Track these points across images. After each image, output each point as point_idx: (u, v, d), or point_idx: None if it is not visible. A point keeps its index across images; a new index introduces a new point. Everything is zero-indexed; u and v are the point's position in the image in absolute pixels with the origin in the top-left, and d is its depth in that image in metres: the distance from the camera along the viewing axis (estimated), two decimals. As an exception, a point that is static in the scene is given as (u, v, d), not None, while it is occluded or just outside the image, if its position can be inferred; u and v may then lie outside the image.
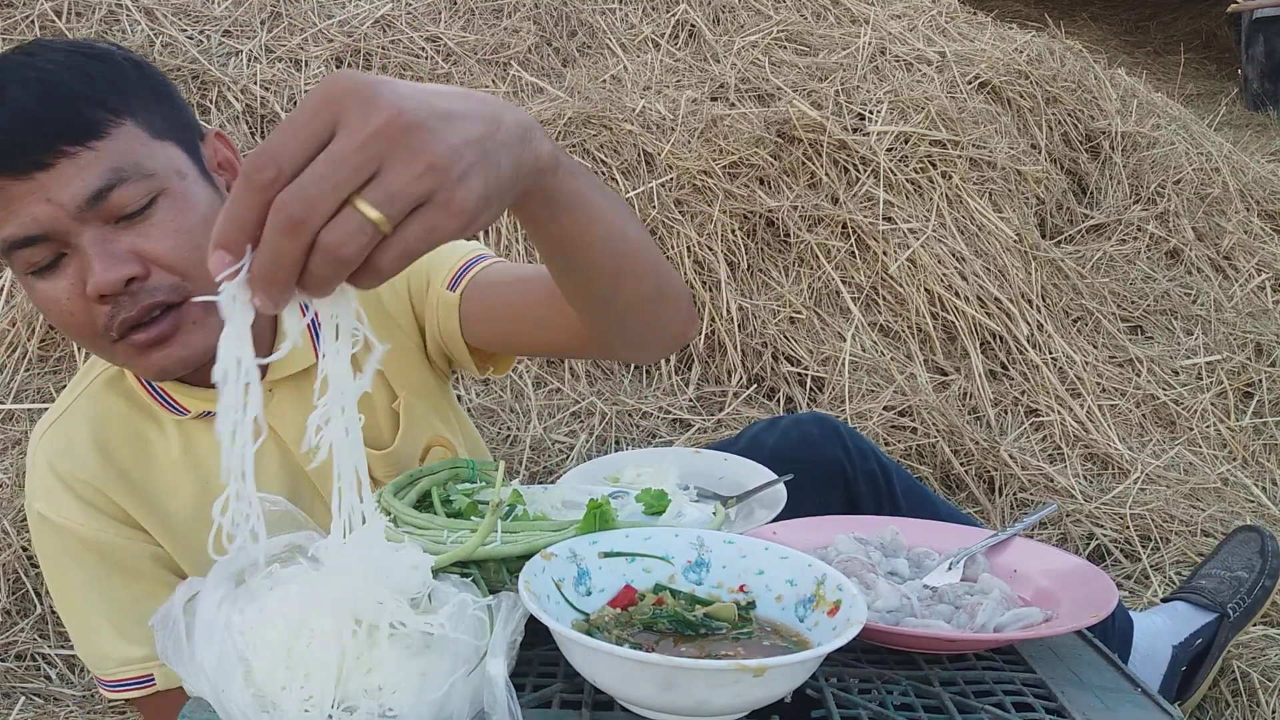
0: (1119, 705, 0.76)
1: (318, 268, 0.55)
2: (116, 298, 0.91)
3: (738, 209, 2.52)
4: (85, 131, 0.89)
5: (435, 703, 0.66)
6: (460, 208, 0.56)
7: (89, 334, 0.93)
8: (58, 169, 0.87)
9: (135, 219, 0.91)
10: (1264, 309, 2.84)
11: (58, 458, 1.04)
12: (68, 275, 0.91)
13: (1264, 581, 1.60)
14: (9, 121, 0.87)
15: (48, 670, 1.70)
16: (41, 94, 0.88)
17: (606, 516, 0.82)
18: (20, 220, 0.88)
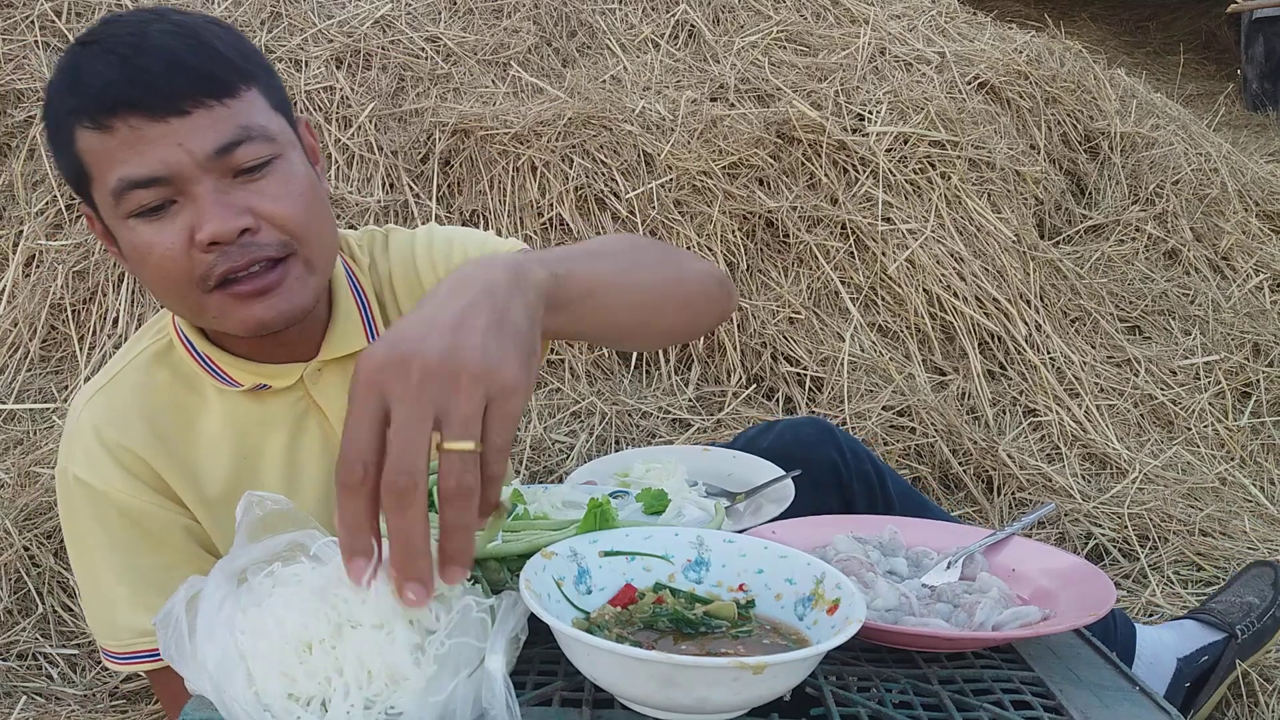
0: (1117, 703, 0.77)
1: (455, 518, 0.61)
2: (225, 247, 0.94)
3: (737, 209, 2.53)
4: (223, 88, 0.94)
5: (438, 704, 0.66)
6: (513, 387, 0.63)
7: (182, 281, 0.96)
8: (193, 118, 0.92)
9: (252, 176, 0.95)
10: (1262, 309, 2.85)
11: (103, 423, 1.04)
12: (175, 222, 0.94)
13: (1275, 612, 1.60)
14: (160, 65, 0.91)
15: (49, 670, 1.70)
16: (190, 46, 0.93)
17: (607, 516, 0.83)
18: (148, 161, 0.91)
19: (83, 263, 2.23)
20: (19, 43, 2.53)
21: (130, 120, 0.91)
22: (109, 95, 0.91)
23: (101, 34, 0.95)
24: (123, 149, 0.92)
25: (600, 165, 2.49)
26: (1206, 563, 2.01)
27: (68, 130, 0.95)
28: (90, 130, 0.92)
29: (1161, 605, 1.91)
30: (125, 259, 1.00)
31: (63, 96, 0.95)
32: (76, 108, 0.93)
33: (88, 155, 0.94)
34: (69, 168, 0.98)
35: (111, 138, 0.92)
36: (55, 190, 2.31)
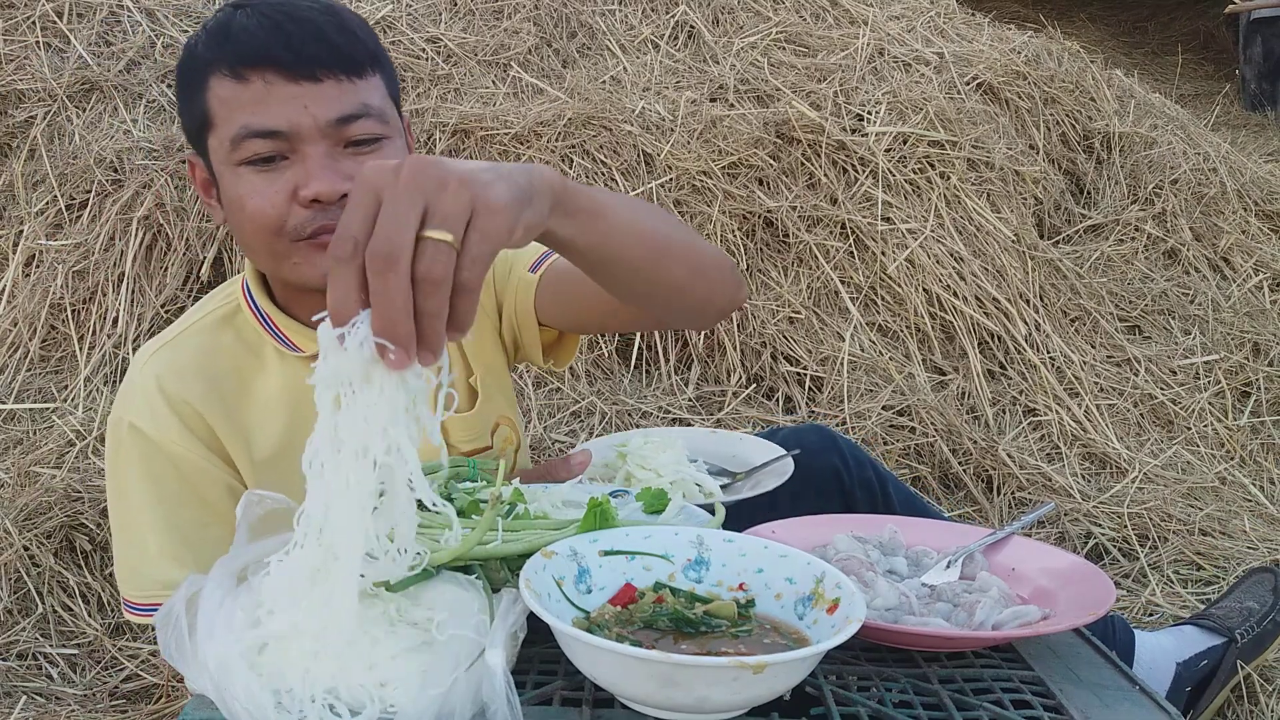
0: (1117, 703, 0.77)
1: (424, 302, 0.64)
2: (325, 206, 1.01)
3: (737, 209, 2.53)
4: (355, 67, 1.03)
5: (436, 699, 0.66)
6: (499, 205, 0.67)
7: (273, 229, 1.02)
8: (323, 86, 1.01)
9: (360, 150, 1.03)
10: (1261, 309, 2.85)
11: (166, 376, 1.08)
12: (282, 176, 1.01)
13: (1275, 616, 1.60)
14: (304, 33, 1.00)
15: (49, 670, 1.70)
16: (333, 25, 1.03)
17: (607, 515, 0.83)
18: (272, 115, 1.00)
19: (83, 263, 2.23)
20: (20, 43, 2.53)
21: (267, 75, 0.99)
22: (254, 50, 1.00)
23: (256, 2, 1.03)
24: (253, 100, 1.00)
25: (600, 165, 2.49)
26: (1206, 562, 2.01)
27: (203, 78, 1.02)
28: (227, 78, 1.01)
29: (1161, 605, 1.91)
30: (222, 207, 1.07)
31: (207, 47, 1.03)
32: (219, 57, 1.01)
33: (216, 102, 1.02)
34: (194, 113, 1.05)
35: (245, 89, 1.00)
36: (55, 190, 2.31)
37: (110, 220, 2.25)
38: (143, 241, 2.24)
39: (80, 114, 2.44)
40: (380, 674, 0.67)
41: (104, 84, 2.47)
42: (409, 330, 0.64)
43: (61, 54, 2.54)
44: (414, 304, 0.64)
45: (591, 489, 0.98)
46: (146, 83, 2.49)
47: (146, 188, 2.27)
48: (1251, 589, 1.68)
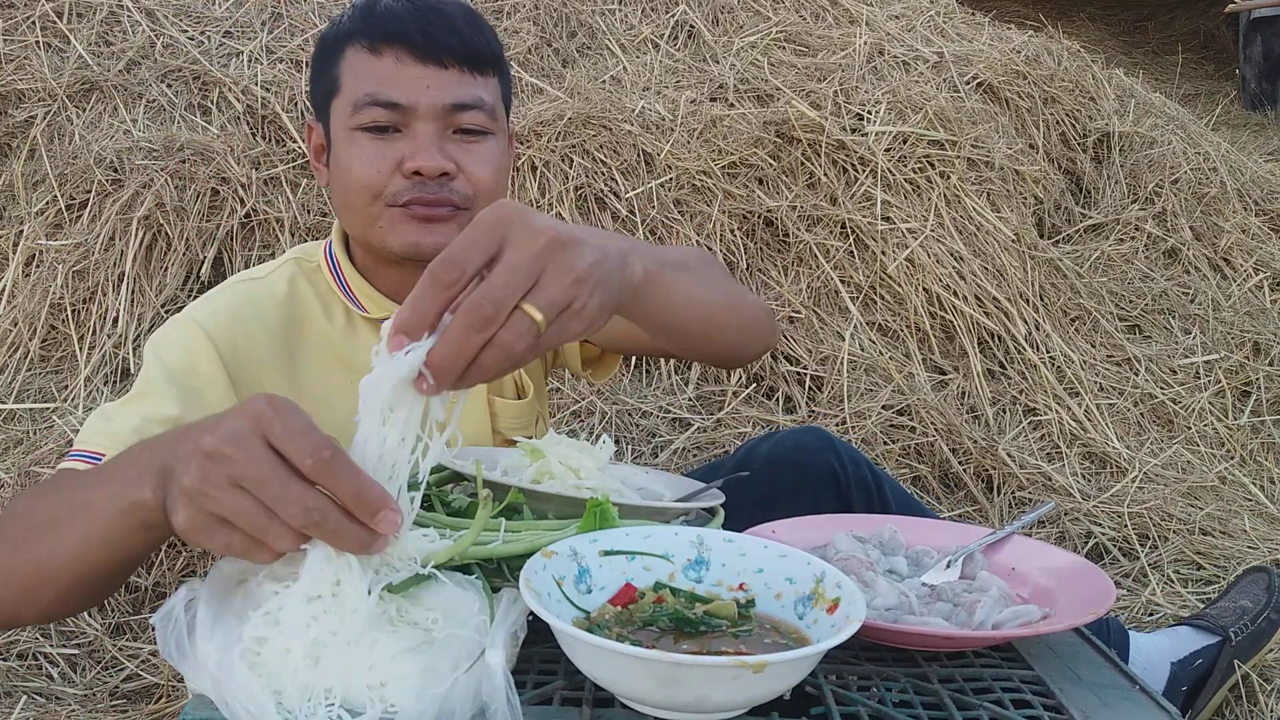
0: (1117, 702, 0.77)
1: (490, 360, 0.67)
2: (425, 180, 1.10)
3: (737, 209, 2.53)
4: (479, 64, 1.13)
5: (437, 699, 0.66)
6: (589, 316, 0.72)
7: (374, 193, 1.11)
8: (447, 73, 1.10)
9: (467, 138, 1.13)
10: (1261, 308, 2.85)
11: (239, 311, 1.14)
12: (392, 147, 1.10)
13: (1270, 614, 1.60)
14: (442, 22, 1.10)
15: (49, 669, 1.70)
16: (469, 23, 1.13)
17: (606, 515, 0.83)
18: (398, 89, 1.09)
19: (83, 263, 2.23)
20: (20, 43, 2.53)
21: (400, 53, 1.09)
22: (392, 28, 1.09)
23: None
24: (382, 73, 1.10)
25: (600, 165, 2.49)
26: (1206, 562, 2.01)
27: (340, 47, 1.12)
28: (363, 50, 1.11)
29: (1161, 604, 1.91)
30: (329, 170, 1.17)
31: (351, 20, 1.13)
32: (360, 30, 1.11)
33: (347, 70, 1.12)
34: (324, 80, 1.14)
35: (378, 62, 1.10)
36: (55, 190, 2.31)
37: (110, 220, 2.25)
38: (143, 241, 2.24)
39: (80, 114, 2.44)
40: (380, 674, 0.67)
41: (104, 84, 2.47)
42: (458, 376, 0.67)
43: (61, 54, 2.54)
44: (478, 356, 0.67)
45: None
46: (146, 83, 2.49)
47: (146, 188, 2.27)
48: (1246, 588, 1.68)
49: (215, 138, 2.38)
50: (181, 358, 1.10)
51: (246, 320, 1.14)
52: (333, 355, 1.19)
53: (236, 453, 0.66)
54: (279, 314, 1.16)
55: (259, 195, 2.33)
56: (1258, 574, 1.70)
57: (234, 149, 2.36)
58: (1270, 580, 1.66)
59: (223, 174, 2.32)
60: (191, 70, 2.51)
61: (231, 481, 0.66)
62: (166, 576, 1.84)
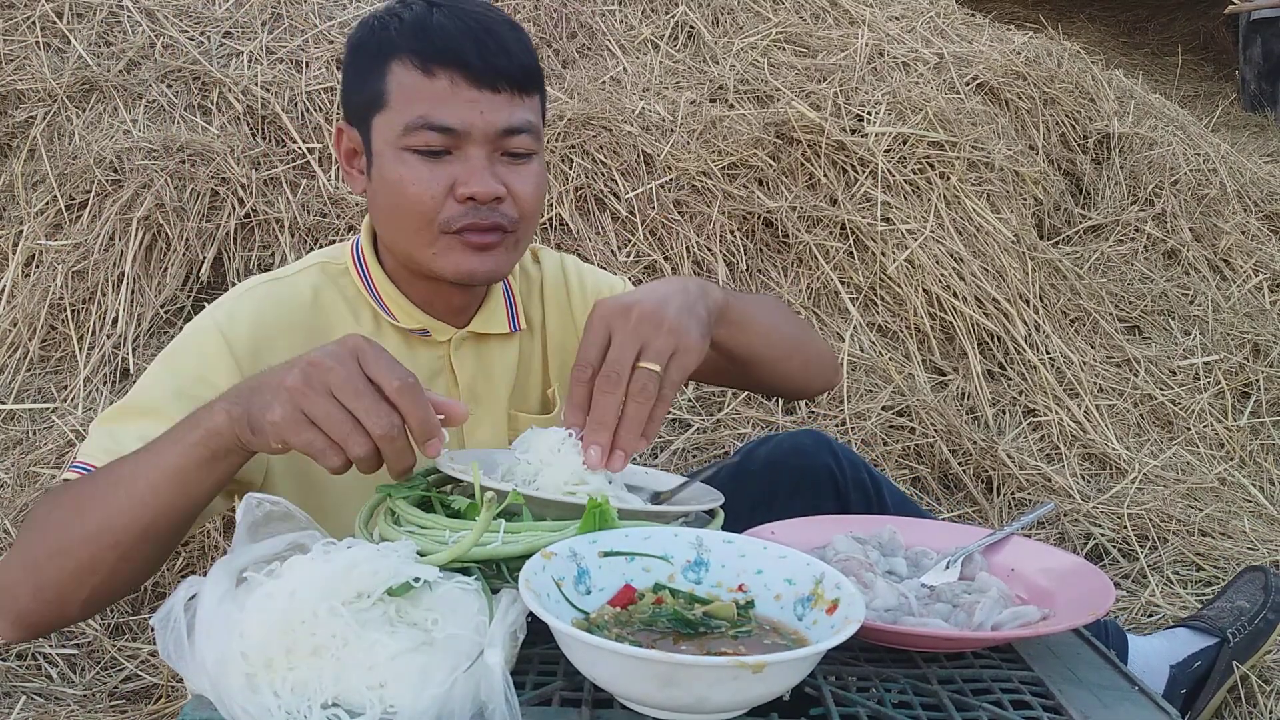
0: (1117, 703, 0.77)
1: (635, 410, 0.91)
2: (477, 205, 1.10)
3: (736, 210, 2.53)
4: (528, 85, 1.12)
5: (437, 699, 0.66)
6: (694, 348, 0.95)
7: (427, 218, 1.10)
8: (500, 97, 1.10)
9: (515, 160, 1.13)
10: (1261, 309, 2.85)
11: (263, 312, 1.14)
12: (445, 170, 1.09)
13: (1267, 614, 1.61)
14: (497, 46, 1.10)
15: (49, 670, 1.70)
16: (520, 45, 1.12)
17: (606, 516, 0.83)
18: (452, 112, 1.08)
19: (82, 263, 2.23)
20: (20, 43, 2.53)
21: (454, 76, 1.08)
22: (448, 50, 1.08)
23: (450, 4, 1.12)
24: (436, 96, 1.08)
25: (600, 166, 2.49)
26: (1206, 563, 2.01)
27: (385, 59, 1.09)
28: (414, 68, 1.08)
29: (1161, 605, 1.91)
30: (369, 181, 1.15)
31: (400, 34, 1.09)
32: (411, 46, 1.08)
33: (396, 86, 1.09)
34: (366, 90, 1.11)
35: (431, 83, 1.08)
36: (55, 190, 2.31)
37: (110, 220, 2.25)
38: (142, 242, 2.24)
39: (80, 114, 2.44)
40: (380, 674, 0.67)
41: (104, 84, 2.47)
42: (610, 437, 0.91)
43: (61, 54, 2.54)
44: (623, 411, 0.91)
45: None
46: (146, 83, 2.49)
47: (146, 188, 2.27)
48: (1243, 589, 1.68)
49: (215, 138, 2.38)
50: (195, 367, 1.09)
51: (269, 326, 1.12)
52: None
53: (338, 367, 0.81)
54: (303, 318, 1.15)
55: (259, 195, 2.33)
56: (1254, 574, 1.70)
57: (234, 149, 2.36)
58: (1267, 580, 1.66)
59: (222, 174, 2.32)
60: (191, 70, 2.51)
61: (328, 390, 0.81)
62: (166, 577, 1.84)
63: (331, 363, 0.81)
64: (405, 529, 0.84)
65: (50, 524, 0.94)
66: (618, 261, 2.39)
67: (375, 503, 0.91)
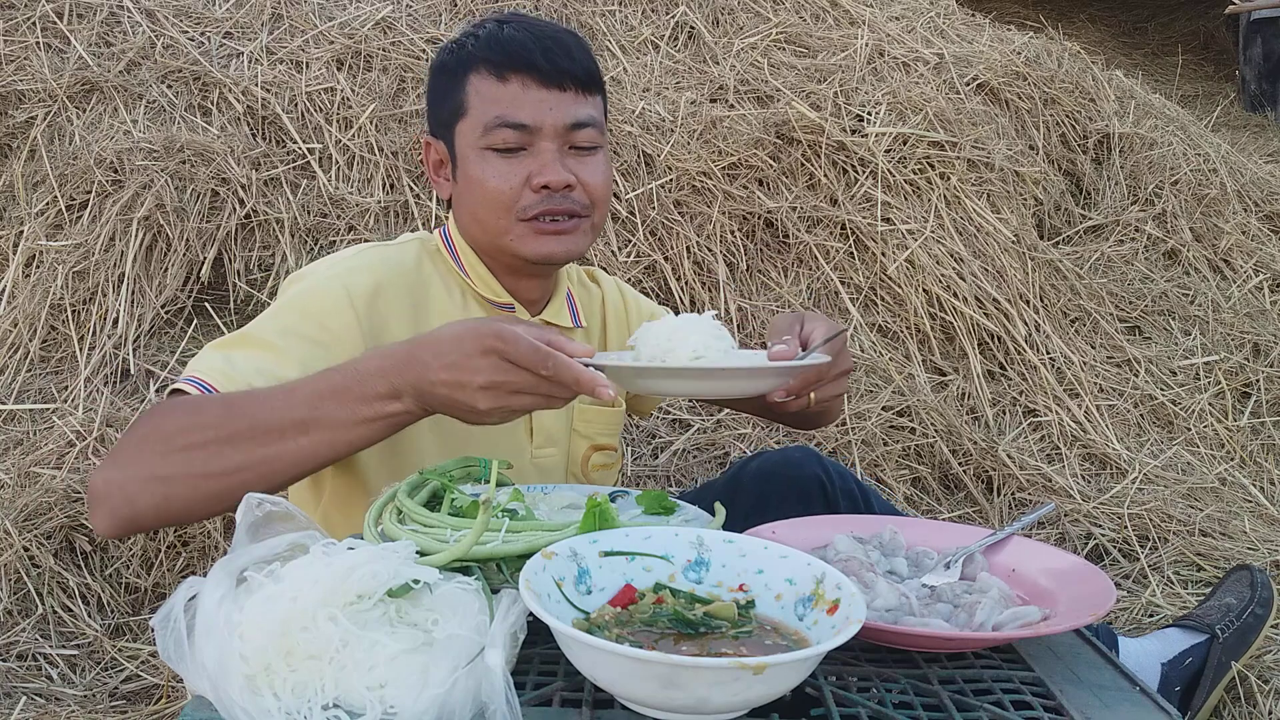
0: (1117, 703, 0.77)
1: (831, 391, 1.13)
2: (551, 193, 1.21)
3: (737, 210, 2.53)
4: (591, 85, 1.25)
5: (437, 699, 0.66)
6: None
7: (505, 206, 1.22)
8: (566, 95, 1.22)
9: (581, 153, 1.24)
10: (1261, 309, 2.85)
11: (381, 267, 1.24)
12: (520, 165, 1.21)
13: (1255, 609, 1.63)
14: (561, 50, 1.22)
15: (49, 670, 1.70)
16: (581, 49, 1.26)
17: (606, 515, 0.83)
18: (524, 111, 1.21)
19: (83, 263, 2.23)
20: (20, 44, 2.53)
21: (525, 79, 1.21)
22: (518, 57, 1.21)
23: (517, 20, 1.26)
24: (510, 98, 1.21)
25: (600, 166, 2.49)
26: (1206, 563, 2.01)
27: (465, 72, 1.23)
28: (490, 76, 1.22)
29: (1161, 605, 1.91)
30: (455, 182, 1.27)
31: (478, 48, 1.23)
32: (486, 58, 1.22)
33: (474, 93, 1.23)
34: (450, 100, 1.25)
35: (504, 87, 1.21)
36: (55, 191, 2.31)
37: (110, 221, 2.25)
38: (143, 242, 2.24)
39: (80, 114, 2.44)
40: (380, 675, 0.67)
41: (104, 84, 2.47)
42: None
43: (61, 55, 2.54)
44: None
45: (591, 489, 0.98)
46: (146, 83, 2.49)
47: (146, 188, 2.27)
48: (1231, 587, 1.70)
49: (215, 138, 2.38)
50: (317, 312, 1.17)
51: (384, 285, 1.23)
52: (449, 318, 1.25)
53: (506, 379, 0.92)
54: (410, 281, 1.26)
55: (259, 196, 2.33)
56: (1241, 572, 1.72)
57: (234, 149, 2.36)
58: (1253, 577, 1.69)
59: (223, 175, 2.32)
60: (191, 71, 2.51)
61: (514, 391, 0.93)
62: (166, 577, 1.84)
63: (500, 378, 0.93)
64: (408, 528, 0.84)
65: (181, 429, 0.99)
66: (618, 262, 2.39)
67: (385, 500, 0.91)
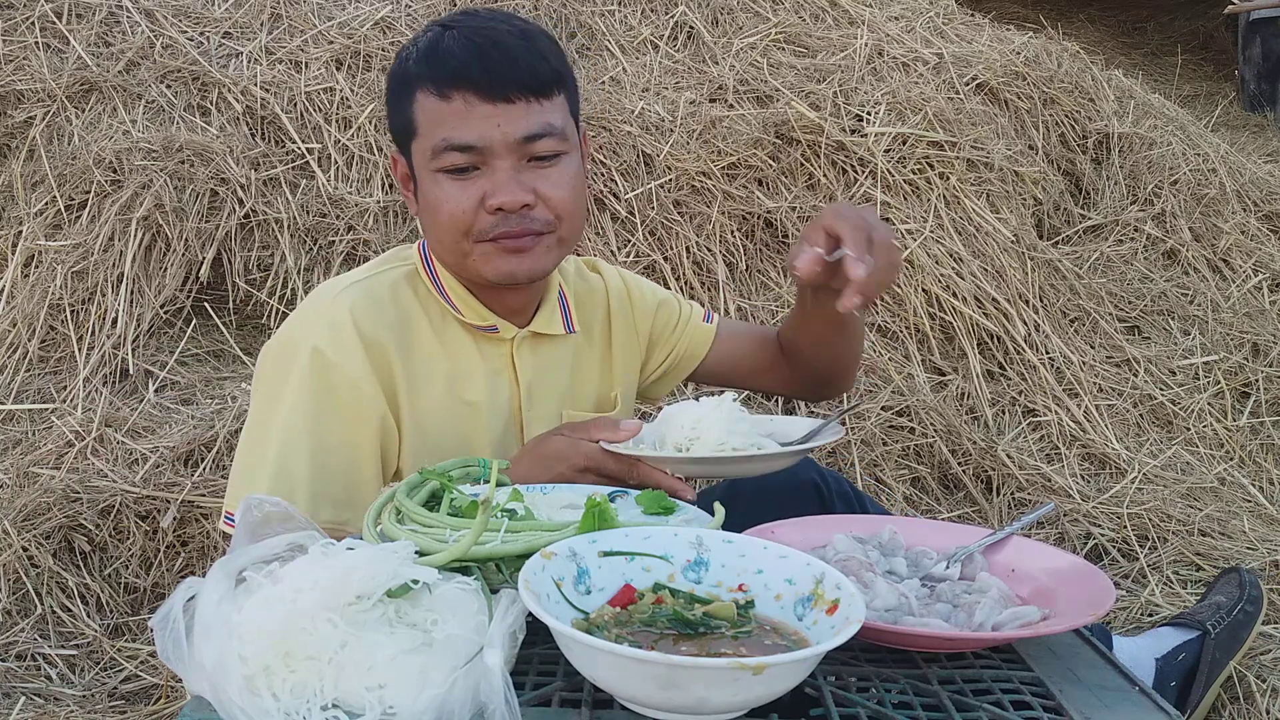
0: (1117, 703, 0.77)
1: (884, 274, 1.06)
2: (507, 214, 1.14)
3: (736, 210, 2.53)
4: (543, 89, 1.15)
5: (436, 700, 0.66)
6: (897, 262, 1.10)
7: (462, 231, 1.15)
8: (514, 107, 1.13)
9: (542, 164, 1.16)
10: (1261, 309, 2.85)
11: (361, 311, 1.17)
12: (474, 185, 1.14)
13: (1244, 606, 1.67)
14: (503, 59, 1.12)
15: (48, 670, 1.70)
16: (528, 50, 1.14)
17: (606, 516, 0.83)
18: (470, 131, 1.12)
19: (82, 263, 2.23)
20: (19, 44, 2.53)
21: (467, 96, 1.12)
22: (457, 72, 1.12)
23: (461, 23, 1.16)
24: (453, 117, 1.12)
25: (600, 166, 2.49)
26: (1206, 562, 2.01)
27: (411, 91, 1.15)
28: (432, 96, 1.13)
29: (1161, 605, 1.91)
30: (418, 203, 1.21)
31: (417, 64, 1.15)
32: (426, 75, 1.14)
33: (421, 114, 1.15)
34: (401, 121, 1.18)
35: (447, 105, 1.13)
36: (54, 191, 2.31)
37: (109, 221, 2.24)
38: (142, 242, 2.24)
39: (79, 114, 2.44)
40: (379, 675, 0.67)
41: (103, 84, 2.47)
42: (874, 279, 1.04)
43: (61, 54, 2.54)
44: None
45: (591, 489, 0.98)
46: (146, 83, 2.49)
47: (145, 188, 2.27)
48: (1221, 588, 1.75)
49: (214, 138, 2.38)
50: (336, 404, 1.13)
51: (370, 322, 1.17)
52: (439, 363, 1.22)
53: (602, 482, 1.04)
54: (389, 318, 1.19)
55: (258, 196, 2.33)
56: (1230, 574, 1.77)
57: (233, 149, 2.36)
58: (1241, 577, 1.73)
59: (222, 174, 2.32)
60: (191, 71, 2.51)
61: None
62: (165, 577, 1.84)
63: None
64: (408, 528, 0.84)
65: None
66: (617, 262, 2.39)
67: (384, 500, 0.91)
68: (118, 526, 1.86)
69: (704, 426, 1.06)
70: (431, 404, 1.20)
